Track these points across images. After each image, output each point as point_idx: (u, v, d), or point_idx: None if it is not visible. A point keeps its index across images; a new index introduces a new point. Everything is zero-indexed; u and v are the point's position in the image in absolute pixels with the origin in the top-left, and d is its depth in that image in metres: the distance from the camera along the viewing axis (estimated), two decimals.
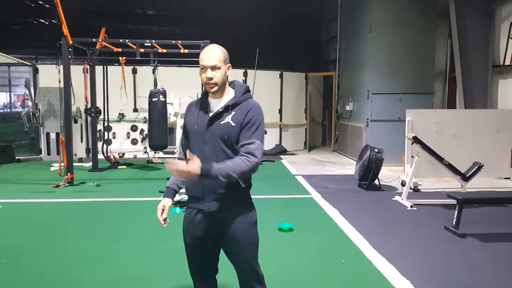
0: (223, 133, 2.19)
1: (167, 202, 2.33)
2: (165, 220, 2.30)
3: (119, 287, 3.34)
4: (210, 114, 2.24)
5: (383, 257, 3.98)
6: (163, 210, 2.31)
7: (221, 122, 2.21)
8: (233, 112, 2.22)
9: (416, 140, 5.91)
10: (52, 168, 8.72)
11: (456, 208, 4.78)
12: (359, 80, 10.16)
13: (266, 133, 8.54)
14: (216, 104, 2.27)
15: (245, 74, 11.18)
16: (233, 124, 2.19)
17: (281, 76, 11.66)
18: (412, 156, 6.30)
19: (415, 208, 5.80)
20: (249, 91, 2.34)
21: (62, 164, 7.59)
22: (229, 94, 2.30)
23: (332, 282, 3.44)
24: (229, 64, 2.29)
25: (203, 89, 2.33)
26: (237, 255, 2.30)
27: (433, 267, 3.81)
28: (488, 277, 3.59)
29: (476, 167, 5.96)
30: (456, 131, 6.74)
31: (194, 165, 2.01)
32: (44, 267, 3.72)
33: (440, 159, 5.93)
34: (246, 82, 11.19)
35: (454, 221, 4.74)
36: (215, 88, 2.22)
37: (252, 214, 2.33)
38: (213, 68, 2.19)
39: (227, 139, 2.19)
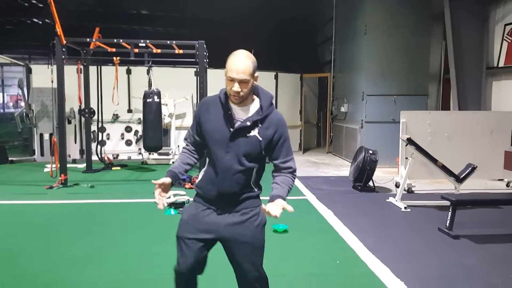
0: (249, 147, 2.18)
1: (167, 180, 2.23)
2: (162, 201, 2.20)
3: None
4: (236, 125, 2.18)
5: (377, 259, 3.98)
6: (161, 188, 2.21)
7: (248, 135, 2.18)
8: (260, 125, 2.20)
9: (410, 141, 5.93)
10: (45, 169, 8.65)
11: (450, 210, 4.80)
12: (354, 82, 10.18)
13: None
14: (240, 112, 2.21)
15: None
16: (261, 139, 2.19)
17: (276, 77, 11.66)
18: (406, 158, 6.33)
19: (409, 210, 5.82)
20: (273, 100, 2.30)
21: (55, 165, 7.54)
22: (254, 103, 2.24)
23: (326, 284, 3.43)
24: (257, 75, 2.20)
25: (224, 89, 2.23)
26: (243, 257, 2.27)
27: (427, 268, 3.82)
28: (481, 278, 3.61)
29: (470, 168, 5.99)
30: (450, 132, 6.77)
31: (278, 209, 2.10)
32: (38, 270, 3.69)
33: (434, 160, 5.95)
34: None
35: (448, 222, 4.76)
36: (240, 101, 2.17)
37: (262, 217, 2.32)
38: (242, 82, 2.11)
39: (251, 153, 2.20)
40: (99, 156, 9.20)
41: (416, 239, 4.67)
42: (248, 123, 2.17)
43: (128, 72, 10.32)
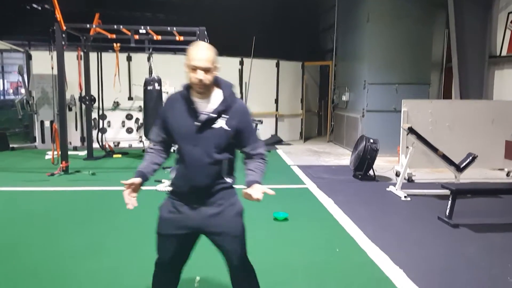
0: (217, 139, 2.20)
1: (136, 180, 2.25)
2: (132, 202, 2.21)
3: (114, 278, 3.33)
4: (201, 118, 2.19)
5: (377, 247, 4.00)
6: (131, 188, 2.22)
7: (215, 127, 2.20)
8: (226, 117, 2.22)
9: (411, 130, 5.92)
10: (46, 157, 8.67)
11: (450, 199, 4.81)
12: (356, 70, 10.13)
13: (262, 123, 8.47)
14: (204, 105, 2.22)
15: (241, 63, 11.12)
16: (228, 129, 2.21)
17: (277, 65, 11.61)
18: (407, 147, 6.33)
19: (409, 199, 5.83)
20: (234, 89, 2.31)
21: (56, 152, 7.55)
22: (216, 94, 2.25)
23: (326, 272, 3.46)
24: (218, 65, 2.23)
25: (186, 84, 2.25)
26: (225, 247, 2.30)
27: (426, 257, 3.84)
28: (480, 267, 3.63)
29: (470, 158, 5.99)
30: (451, 122, 6.76)
31: (259, 193, 2.13)
32: (39, 260, 3.70)
33: (434, 149, 5.95)
34: (242, 71, 11.13)
35: (448, 211, 4.77)
36: (204, 90, 2.18)
37: (238, 206, 2.34)
38: (206, 70, 2.13)
39: (220, 144, 2.21)
40: (100, 143, 9.21)
41: (416, 228, 4.69)
42: (214, 115, 2.20)
43: (129, 59, 10.28)
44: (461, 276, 3.42)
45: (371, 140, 6.96)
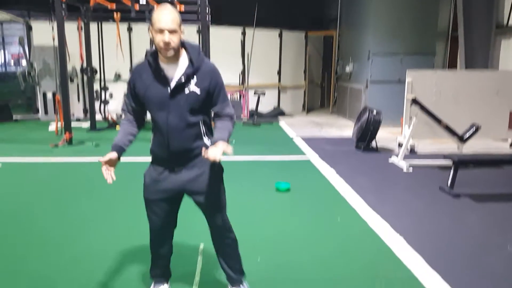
0: (190, 103, 2.21)
1: (113, 155, 2.28)
2: (110, 175, 2.28)
3: (121, 246, 3.40)
4: (172, 84, 2.19)
5: (378, 215, 4.05)
6: (109, 163, 2.26)
7: (186, 92, 2.20)
8: (196, 79, 2.22)
9: (415, 101, 5.88)
10: (50, 128, 8.70)
11: (452, 169, 4.82)
12: (360, 40, 9.98)
13: (264, 95, 8.46)
14: (172, 70, 2.22)
15: (243, 33, 10.96)
16: (199, 93, 2.22)
17: (280, 35, 11.44)
18: (410, 118, 6.29)
19: (411, 169, 5.85)
20: (201, 51, 2.30)
21: (59, 123, 7.57)
22: (183, 57, 2.24)
23: (327, 241, 3.51)
24: (183, 28, 2.21)
25: (150, 51, 2.24)
26: (205, 207, 2.39)
27: (427, 225, 3.89)
28: (479, 236, 3.67)
29: (474, 128, 5.98)
30: (456, 92, 6.69)
31: (216, 152, 2.10)
32: (47, 227, 3.78)
33: (438, 120, 5.93)
34: (244, 42, 10.98)
35: (449, 181, 4.80)
36: (172, 53, 2.16)
37: (217, 166, 2.38)
38: (172, 31, 2.11)
39: (193, 107, 2.23)
40: (103, 115, 9.21)
41: (417, 197, 4.73)
42: (183, 79, 2.19)
43: (129, 30, 10.15)
44: (461, 245, 3.47)
45: (374, 112, 6.93)
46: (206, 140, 2.30)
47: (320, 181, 5.34)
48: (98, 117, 9.03)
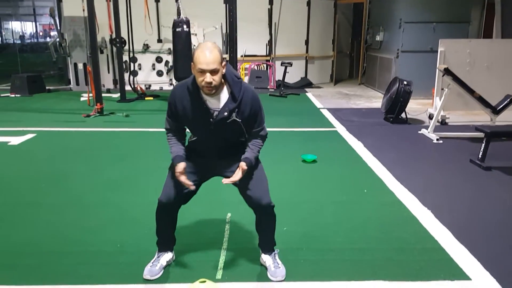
0: (231, 131, 2.35)
1: (183, 164, 2.36)
2: (189, 183, 2.35)
3: (150, 210, 3.52)
4: (215, 117, 2.28)
5: (405, 189, 4.03)
6: (183, 172, 2.35)
7: (228, 121, 2.30)
8: (237, 110, 2.29)
9: (447, 71, 5.72)
10: (82, 98, 8.93)
11: (483, 141, 4.72)
12: (391, 8, 9.66)
13: (291, 65, 8.37)
14: (215, 102, 2.29)
15: (271, 2, 10.77)
16: (239, 120, 2.31)
17: (308, 3, 11.19)
18: (442, 89, 6.14)
19: (441, 141, 5.75)
20: (240, 78, 2.34)
21: (91, 94, 7.75)
22: (224, 90, 2.30)
23: (353, 211, 3.54)
24: (224, 62, 2.23)
25: (192, 82, 2.28)
26: (246, 187, 2.42)
27: (456, 198, 3.85)
28: (510, 210, 3.62)
29: (508, 100, 5.78)
30: (490, 62, 6.47)
31: (237, 176, 2.34)
32: (83, 191, 3.95)
33: (471, 91, 5.76)
34: (271, 11, 10.80)
35: (480, 154, 4.70)
36: (214, 91, 2.22)
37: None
38: (213, 72, 2.15)
39: (234, 134, 2.38)
40: (132, 86, 9.36)
41: (447, 170, 4.67)
42: (226, 114, 2.27)
43: (157, 1, 10.13)
44: (490, 218, 3.43)
45: (405, 82, 6.78)
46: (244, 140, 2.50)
47: (348, 152, 5.33)
48: (128, 88, 9.19)
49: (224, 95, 2.30)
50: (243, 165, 2.33)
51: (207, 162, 2.48)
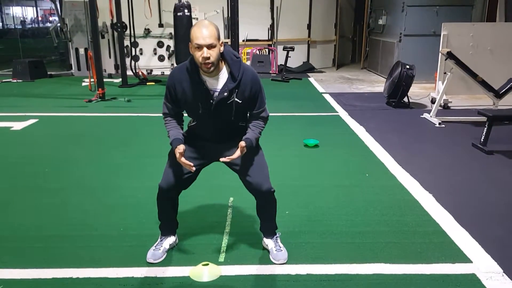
0: (231, 112, 2.32)
1: (183, 147, 2.31)
2: (190, 164, 2.30)
3: (153, 194, 3.55)
4: (215, 98, 2.26)
5: (406, 172, 4.04)
6: (182, 154, 2.30)
7: (228, 102, 2.28)
8: (236, 90, 2.28)
9: (450, 55, 5.68)
10: (83, 84, 8.91)
11: (486, 125, 4.70)
12: None
13: (293, 50, 8.30)
14: (214, 82, 2.28)
15: None
16: (240, 101, 2.30)
17: None
18: (445, 73, 6.10)
19: (443, 125, 5.74)
20: (239, 57, 2.32)
21: (92, 79, 7.74)
22: (223, 70, 2.28)
23: (354, 195, 3.55)
24: (222, 41, 2.23)
25: (191, 62, 2.26)
26: (244, 159, 2.40)
27: (457, 182, 3.86)
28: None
29: (511, 83, 5.75)
30: (493, 46, 6.41)
31: (236, 155, 2.31)
32: (84, 175, 3.98)
33: (474, 75, 5.73)
34: None
35: (483, 138, 4.69)
36: (212, 68, 2.19)
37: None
38: (210, 46, 2.13)
39: (235, 114, 2.35)
40: (134, 71, 9.33)
41: (448, 154, 4.67)
42: (226, 94, 2.26)
43: None
44: (492, 201, 3.44)
45: (407, 66, 6.73)
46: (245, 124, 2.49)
47: (350, 137, 5.33)
48: (129, 73, 9.16)
49: (224, 75, 2.29)
50: (242, 144, 2.29)
51: (207, 147, 2.48)
